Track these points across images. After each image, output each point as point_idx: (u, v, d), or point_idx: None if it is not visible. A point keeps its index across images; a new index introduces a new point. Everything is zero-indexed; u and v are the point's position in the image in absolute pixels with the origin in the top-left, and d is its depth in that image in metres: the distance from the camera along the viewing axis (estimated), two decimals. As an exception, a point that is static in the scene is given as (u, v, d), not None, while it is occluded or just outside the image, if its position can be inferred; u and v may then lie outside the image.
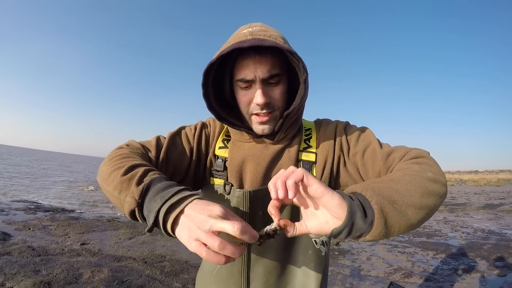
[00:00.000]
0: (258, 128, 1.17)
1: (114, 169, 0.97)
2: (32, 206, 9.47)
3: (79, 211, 9.97)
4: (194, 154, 1.25)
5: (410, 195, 0.80)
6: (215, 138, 1.30)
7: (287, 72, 1.18)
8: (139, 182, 0.90)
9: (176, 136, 1.26)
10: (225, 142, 1.29)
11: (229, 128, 1.28)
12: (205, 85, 1.12)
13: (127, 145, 1.16)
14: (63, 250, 5.30)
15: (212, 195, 1.24)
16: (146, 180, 0.91)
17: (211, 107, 1.16)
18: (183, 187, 0.88)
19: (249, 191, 1.16)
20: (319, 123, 1.32)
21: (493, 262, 5.84)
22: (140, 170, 0.94)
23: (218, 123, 1.34)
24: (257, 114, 1.14)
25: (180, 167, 1.22)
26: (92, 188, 17.96)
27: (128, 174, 0.93)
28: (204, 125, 1.32)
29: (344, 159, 1.19)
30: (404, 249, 6.84)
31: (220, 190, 1.22)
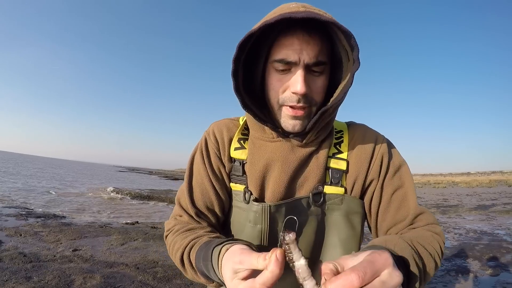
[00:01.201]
0: (288, 123, 1.00)
1: (177, 264, 1.02)
2: (24, 212, 9.37)
3: (70, 217, 9.88)
4: (214, 181, 1.12)
5: (427, 278, 0.85)
6: (226, 143, 1.14)
7: (330, 63, 1.01)
8: (196, 272, 0.95)
9: (191, 179, 1.16)
10: (242, 141, 1.13)
11: (249, 123, 1.11)
12: (237, 60, 0.94)
13: (168, 230, 1.13)
14: (54, 256, 5.25)
15: (234, 203, 1.14)
16: (195, 266, 0.93)
17: (237, 90, 0.97)
18: (210, 252, 0.84)
19: (269, 206, 1.00)
20: (354, 127, 1.14)
21: (486, 262, 5.87)
22: (186, 260, 0.96)
23: (224, 126, 1.17)
24: (290, 106, 0.97)
25: (212, 201, 1.12)
26: (85, 194, 17.84)
27: (187, 269, 0.98)
28: (206, 139, 1.17)
29: (376, 184, 1.06)
30: (397, 251, 6.83)
31: (240, 198, 1.10)
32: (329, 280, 0.55)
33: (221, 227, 1.18)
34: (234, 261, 0.70)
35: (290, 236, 0.61)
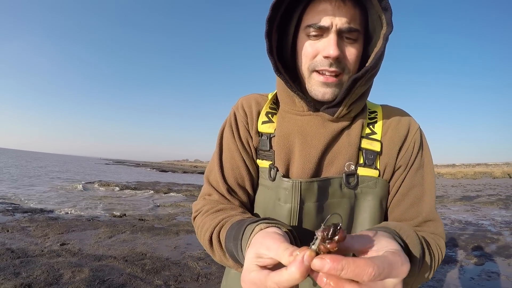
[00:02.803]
0: (318, 90, 0.94)
1: (205, 246, 0.94)
2: (10, 208, 9.25)
3: (57, 211, 9.79)
4: (244, 155, 1.07)
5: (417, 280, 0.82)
6: (255, 115, 1.08)
7: (364, 34, 0.96)
8: (224, 253, 0.87)
9: (221, 155, 1.10)
10: (270, 115, 1.08)
11: (279, 95, 1.06)
12: (270, 21, 0.92)
13: (196, 211, 1.05)
14: (42, 251, 5.21)
15: (260, 181, 1.07)
16: (225, 246, 0.85)
17: (271, 52, 0.94)
18: (242, 230, 0.77)
19: (300, 182, 0.93)
20: (389, 109, 1.08)
21: (471, 252, 5.98)
22: (215, 239, 0.89)
23: (253, 99, 1.12)
24: (321, 73, 0.92)
25: (243, 177, 1.06)
26: (73, 187, 17.64)
27: (215, 250, 0.90)
28: (235, 113, 1.12)
29: (402, 172, 1.00)
30: (384, 242, 6.87)
31: (265, 175, 1.03)
32: (345, 259, 0.50)
33: (252, 207, 1.11)
34: (262, 243, 0.63)
35: (323, 232, 0.51)
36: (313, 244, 0.52)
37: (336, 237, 0.50)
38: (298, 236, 0.74)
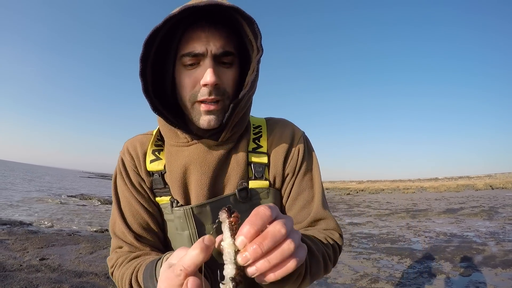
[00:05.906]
0: (203, 119, 0.96)
1: None
2: (-13, 221, 9.07)
3: (37, 224, 9.58)
4: (140, 199, 1.08)
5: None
6: (141, 157, 1.10)
7: (239, 56, 1.01)
8: None
9: (119, 205, 1.10)
10: (156, 153, 1.11)
11: (162, 131, 1.09)
12: (144, 59, 0.92)
13: (112, 266, 1.05)
14: (21, 266, 5.08)
15: (165, 217, 1.09)
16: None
17: (146, 91, 0.95)
18: (154, 267, 0.79)
19: (191, 208, 0.99)
20: (272, 121, 1.16)
21: (457, 263, 5.99)
22: (134, 284, 0.90)
23: (137, 141, 1.14)
24: (202, 102, 0.94)
25: (146, 220, 1.07)
26: (53, 200, 17.33)
27: None
28: (123, 158, 1.13)
29: (290, 179, 1.08)
30: (369, 256, 6.89)
31: (168, 210, 1.06)
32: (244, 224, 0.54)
33: (166, 246, 1.14)
34: (171, 256, 0.64)
35: (221, 214, 0.56)
36: (215, 225, 0.58)
37: (235, 212, 0.56)
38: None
